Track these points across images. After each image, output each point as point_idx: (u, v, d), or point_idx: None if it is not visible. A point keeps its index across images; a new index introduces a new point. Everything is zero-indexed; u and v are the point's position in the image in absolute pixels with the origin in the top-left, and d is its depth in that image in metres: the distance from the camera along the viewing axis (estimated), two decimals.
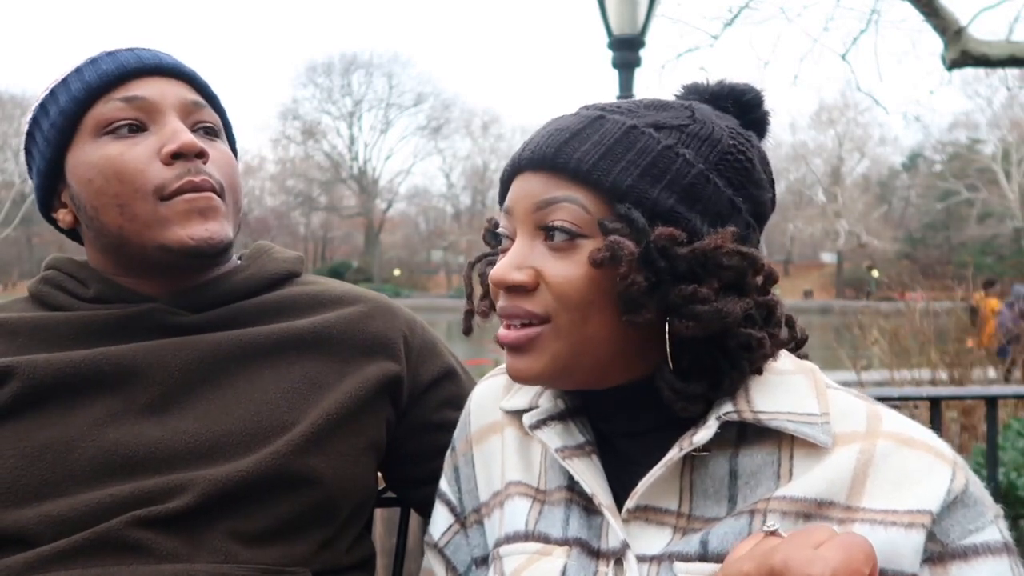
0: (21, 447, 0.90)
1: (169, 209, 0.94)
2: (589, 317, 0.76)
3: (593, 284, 0.75)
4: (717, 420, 0.75)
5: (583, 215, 0.76)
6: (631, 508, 0.78)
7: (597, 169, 0.75)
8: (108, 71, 0.96)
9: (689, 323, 0.73)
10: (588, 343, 0.77)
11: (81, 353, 0.94)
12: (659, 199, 0.75)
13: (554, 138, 0.78)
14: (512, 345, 0.79)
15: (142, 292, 1.00)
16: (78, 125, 0.96)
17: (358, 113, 54.63)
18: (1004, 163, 39.18)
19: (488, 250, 0.91)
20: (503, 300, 0.80)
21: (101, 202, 0.95)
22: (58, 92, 0.98)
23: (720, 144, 0.78)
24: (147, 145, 0.95)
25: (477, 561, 0.92)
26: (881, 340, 6.15)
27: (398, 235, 56.55)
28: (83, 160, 0.96)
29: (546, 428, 0.84)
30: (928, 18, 5.97)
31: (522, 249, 0.78)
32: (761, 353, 0.75)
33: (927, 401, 2.24)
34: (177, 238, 0.94)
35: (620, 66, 4.71)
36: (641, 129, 0.77)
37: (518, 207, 0.79)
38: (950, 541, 0.71)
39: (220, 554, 0.88)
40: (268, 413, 0.95)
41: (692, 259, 0.73)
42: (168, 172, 0.94)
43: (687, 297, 0.73)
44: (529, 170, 0.79)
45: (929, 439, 0.75)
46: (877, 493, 0.72)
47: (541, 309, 0.77)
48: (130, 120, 0.96)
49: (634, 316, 0.74)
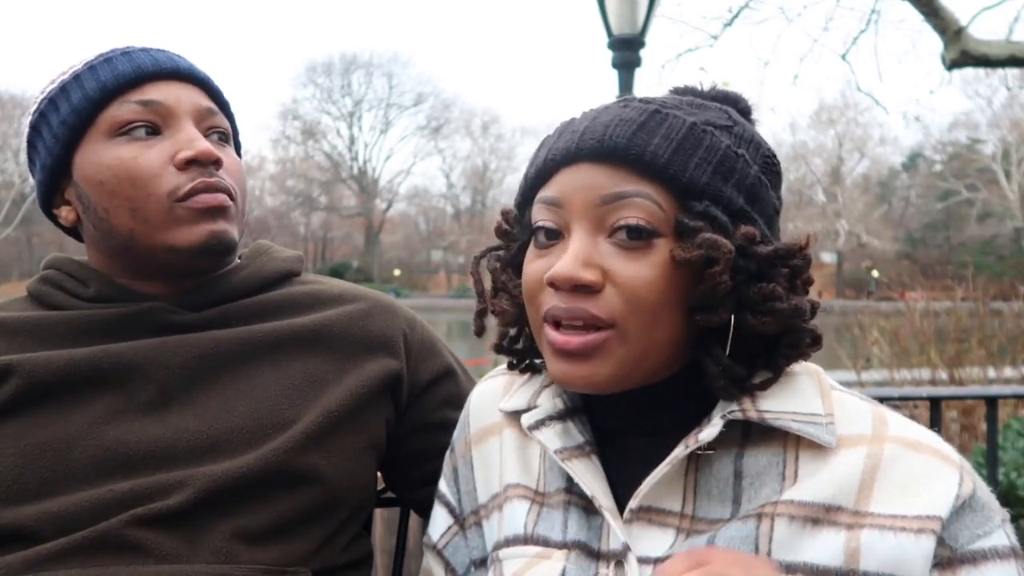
0: (22, 445, 0.90)
1: (184, 209, 0.94)
2: (659, 321, 0.72)
3: (668, 286, 0.72)
4: (722, 418, 0.74)
5: (657, 212, 0.72)
6: (633, 508, 0.77)
7: (672, 164, 0.72)
8: (124, 72, 0.95)
9: (766, 319, 0.73)
10: (653, 348, 0.74)
11: (81, 351, 0.94)
12: (732, 198, 0.74)
13: (620, 129, 0.73)
14: (572, 352, 0.74)
15: (142, 292, 1.00)
16: (90, 124, 0.96)
17: (358, 113, 54.70)
18: (1004, 163, 39.17)
19: (495, 244, 0.87)
20: (561, 301, 0.73)
21: (112, 204, 0.95)
22: (70, 89, 0.97)
23: (762, 148, 0.79)
24: (161, 149, 0.95)
25: (476, 563, 0.92)
26: (881, 340, 6.15)
27: (398, 235, 56.53)
28: (94, 160, 0.95)
29: (545, 429, 0.83)
30: (928, 18, 5.97)
31: (585, 246, 0.73)
32: (814, 348, 0.77)
33: (927, 401, 2.24)
34: (187, 238, 0.94)
35: (620, 66, 4.71)
36: (702, 127, 0.75)
37: (575, 199, 0.74)
38: (959, 546, 0.70)
39: (219, 554, 0.88)
40: (268, 410, 0.95)
41: (772, 259, 0.73)
42: (182, 177, 0.94)
43: (767, 295, 0.72)
44: (589, 160, 0.74)
45: (935, 443, 0.75)
46: (885, 498, 0.72)
47: (607, 313, 0.72)
48: (145, 123, 0.95)
49: (710, 316, 0.73)
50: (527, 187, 0.81)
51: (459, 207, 58.01)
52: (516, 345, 0.87)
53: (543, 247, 0.77)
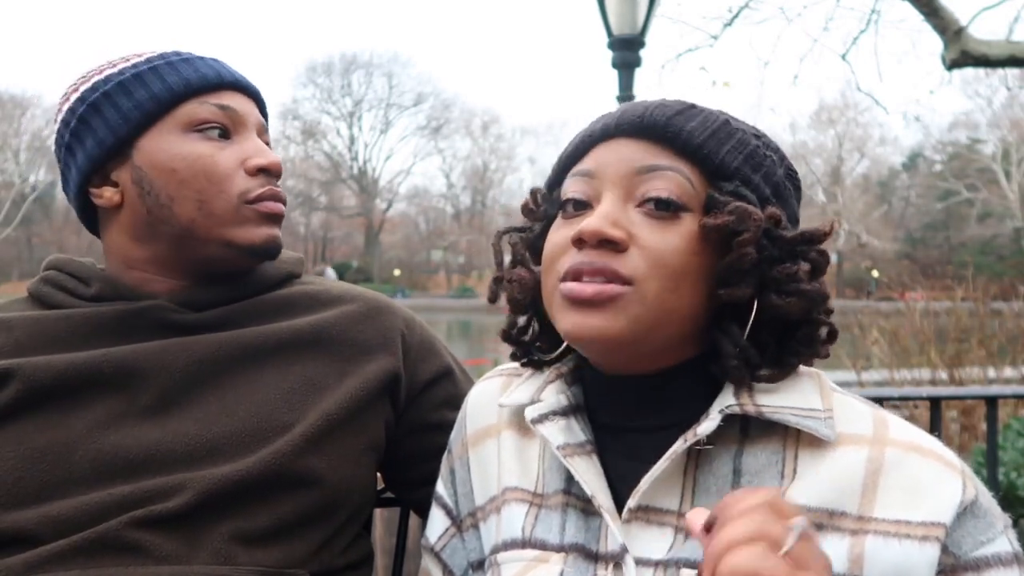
0: (21, 449, 0.90)
1: (251, 210, 1.00)
2: (679, 288, 0.73)
3: (692, 256, 0.74)
4: (720, 412, 0.74)
5: (688, 188, 0.75)
6: (632, 508, 0.76)
7: (707, 146, 0.76)
8: (208, 75, 1.01)
9: (791, 299, 0.74)
10: (670, 315, 0.74)
11: (82, 355, 0.94)
12: (760, 185, 0.77)
13: (660, 111, 0.77)
14: (587, 300, 0.73)
15: (146, 291, 1.00)
16: (164, 115, 0.98)
17: (358, 113, 54.73)
18: (1004, 163, 39.18)
19: (521, 224, 0.88)
20: (584, 256, 0.74)
21: (181, 193, 0.97)
22: (146, 78, 0.99)
23: (786, 160, 0.83)
24: (232, 153, 1.00)
25: (473, 565, 0.91)
26: (881, 340, 6.16)
27: (398, 235, 56.55)
28: (168, 149, 0.98)
29: (548, 423, 0.82)
30: (928, 18, 5.97)
31: (615, 208, 0.75)
32: (828, 344, 0.78)
33: (927, 401, 2.25)
34: (248, 237, 0.99)
35: (620, 66, 4.71)
36: (735, 125, 0.79)
37: (609, 170, 0.77)
38: (962, 553, 0.70)
39: (219, 556, 0.88)
40: (268, 414, 0.95)
41: (797, 242, 0.76)
42: (252, 182, 1.00)
43: (790, 275, 0.74)
44: (628, 136, 0.77)
45: (937, 447, 0.75)
46: (888, 502, 0.71)
47: (628, 271, 0.73)
48: (219, 125, 1.00)
49: (733, 290, 0.74)
50: (559, 168, 0.84)
51: (459, 207, 58.05)
52: (524, 337, 0.88)
53: (570, 216, 0.79)
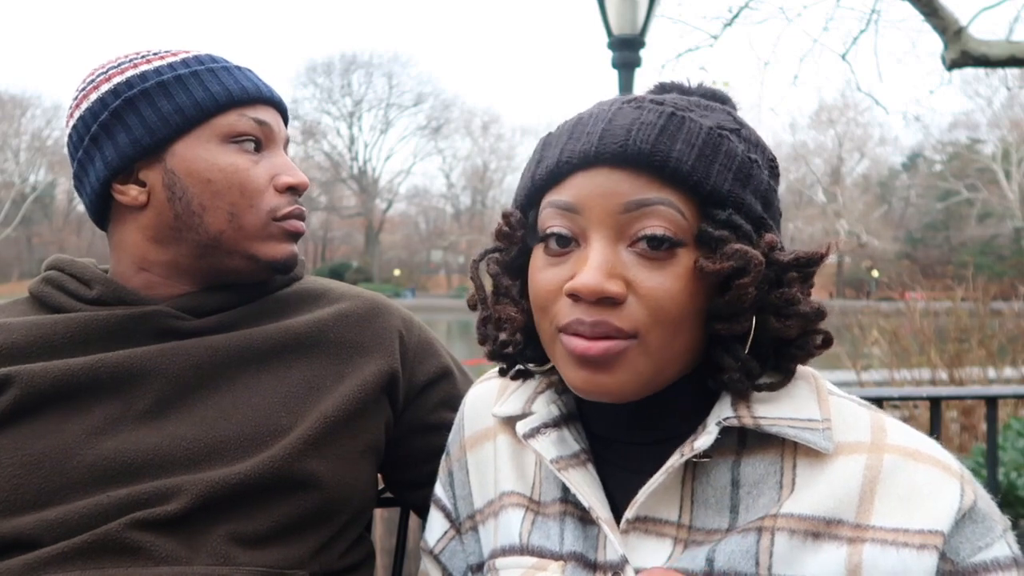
0: (19, 456, 0.90)
1: (277, 228, 1.01)
2: (680, 332, 0.71)
3: (690, 297, 0.70)
4: (717, 425, 0.73)
5: (680, 220, 0.70)
6: (630, 519, 0.75)
7: (696, 172, 0.70)
8: (248, 88, 1.01)
9: (790, 323, 0.72)
10: (672, 358, 0.72)
11: (79, 361, 0.94)
12: (752, 205, 0.72)
13: (642, 133, 0.70)
14: (593, 359, 0.70)
15: (149, 295, 1.00)
16: (203, 122, 0.98)
17: (358, 113, 54.75)
18: (1004, 163, 39.16)
19: (495, 245, 0.81)
20: (584, 314, 0.70)
21: (214, 204, 0.97)
22: (188, 83, 0.98)
23: (766, 151, 0.78)
24: (264, 168, 1.01)
25: (473, 568, 0.91)
26: (881, 340, 6.16)
27: (398, 235, 56.57)
28: (205, 157, 0.98)
29: (540, 437, 0.80)
30: (928, 18, 5.97)
31: (607, 255, 0.70)
32: (823, 349, 0.76)
33: (927, 401, 2.24)
34: (271, 253, 1.01)
35: (620, 66, 4.71)
36: (718, 132, 0.72)
37: (595, 207, 0.70)
38: (960, 560, 0.69)
39: (218, 556, 0.88)
40: (266, 418, 0.95)
41: (793, 266, 0.73)
42: (281, 199, 1.02)
43: (788, 299, 0.72)
44: (610, 165, 0.70)
45: (935, 452, 0.74)
46: (886, 510, 0.70)
47: (629, 325, 0.69)
48: (255, 138, 1.01)
49: (733, 326, 0.71)
50: (534, 188, 0.76)
51: (459, 207, 58.04)
52: (507, 350, 0.82)
53: (555, 254, 0.73)
